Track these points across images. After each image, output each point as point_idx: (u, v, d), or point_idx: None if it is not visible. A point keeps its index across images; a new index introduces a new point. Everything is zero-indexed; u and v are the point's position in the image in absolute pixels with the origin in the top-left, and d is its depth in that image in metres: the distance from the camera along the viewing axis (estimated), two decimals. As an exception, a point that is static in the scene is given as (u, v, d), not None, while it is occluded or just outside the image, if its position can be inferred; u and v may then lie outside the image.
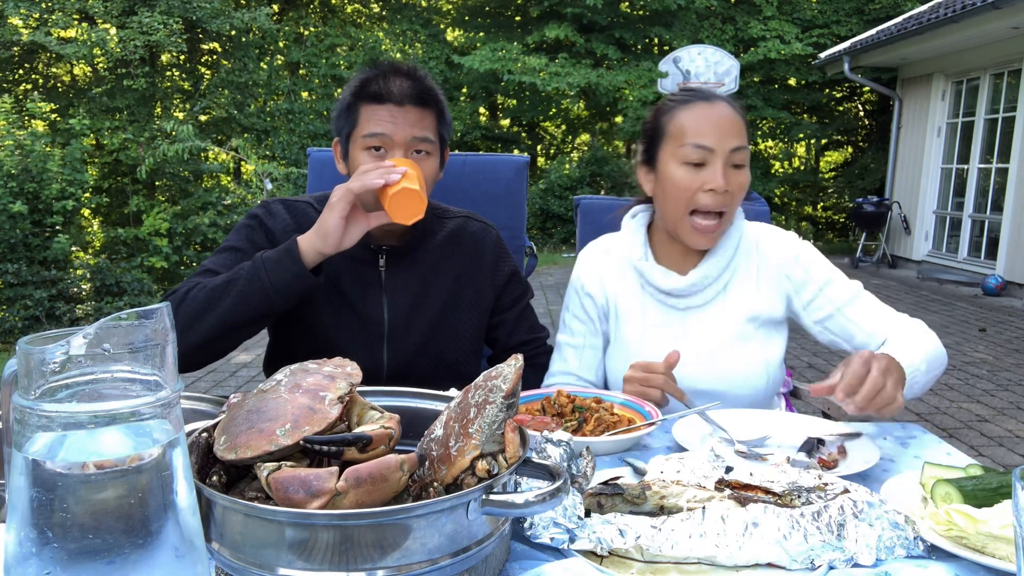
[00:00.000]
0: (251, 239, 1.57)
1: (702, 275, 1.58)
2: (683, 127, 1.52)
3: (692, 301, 1.60)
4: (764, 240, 1.63)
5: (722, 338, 1.58)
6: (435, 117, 1.53)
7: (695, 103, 1.53)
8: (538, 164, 16.35)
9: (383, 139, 1.48)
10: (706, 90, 1.58)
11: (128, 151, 9.81)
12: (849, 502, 0.92)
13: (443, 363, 1.64)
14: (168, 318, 0.61)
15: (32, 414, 0.56)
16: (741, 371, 1.58)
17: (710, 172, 1.49)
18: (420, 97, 1.50)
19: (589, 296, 1.69)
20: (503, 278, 1.71)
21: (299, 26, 14.27)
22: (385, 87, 1.49)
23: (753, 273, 1.61)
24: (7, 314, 6.19)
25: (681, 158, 1.51)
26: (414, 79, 1.51)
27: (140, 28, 9.46)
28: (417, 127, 1.49)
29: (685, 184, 1.50)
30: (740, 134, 1.52)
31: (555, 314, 7.22)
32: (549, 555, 0.90)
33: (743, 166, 1.52)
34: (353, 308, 1.59)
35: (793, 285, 1.60)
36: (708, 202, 1.50)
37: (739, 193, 1.53)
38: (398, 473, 0.77)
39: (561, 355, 1.72)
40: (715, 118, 1.51)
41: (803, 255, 1.60)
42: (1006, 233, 8.78)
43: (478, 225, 1.72)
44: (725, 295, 1.60)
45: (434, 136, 1.53)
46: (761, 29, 13.92)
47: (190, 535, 0.62)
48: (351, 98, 1.53)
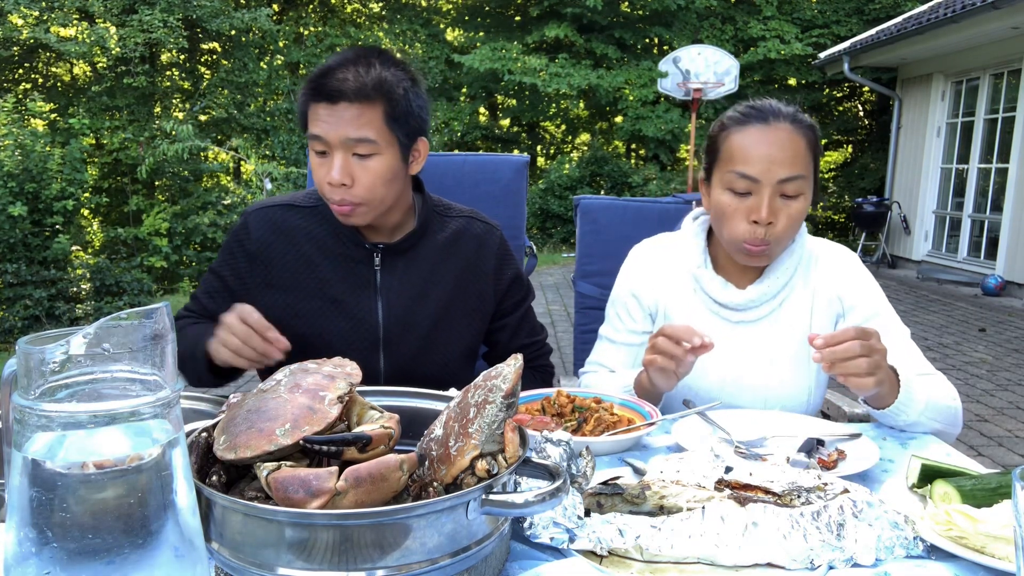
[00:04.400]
0: (231, 265, 1.56)
1: (761, 292, 1.52)
2: (732, 151, 1.44)
3: (745, 316, 1.55)
4: (823, 259, 1.58)
5: (771, 356, 1.54)
6: (382, 111, 1.38)
7: (750, 125, 1.44)
8: (538, 164, 16.35)
9: (322, 142, 1.39)
10: (769, 108, 1.45)
11: (128, 151, 9.81)
12: (849, 502, 0.92)
13: (443, 368, 1.59)
14: (168, 318, 0.61)
15: (32, 414, 0.56)
16: (785, 392, 1.54)
17: (755, 201, 1.41)
18: (360, 92, 1.35)
19: (635, 296, 1.64)
20: (506, 282, 1.66)
21: (299, 26, 14.28)
22: (324, 83, 1.37)
23: (809, 294, 1.56)
24: (7, 314, 6.19)
25: (726, 183, 1.44)
26: (359, 71, 1.37)
27: (140, 26, 9.46)
28: (352, 127, 1.36)
29: (730, 212, 1.44)
30: (794, 162, 1.41)
31: (555, 314, 7.23)
32: (549, 555, 0.90)
33: (795, 196, 1.42)
34: (345, 311, 1.52)
35: (843, 307, 1.55)
36: (750, 232, 1.42)
37: (787, 224, 1.43)
38: (398, 473, 0.77)
39: (600, 346, 1.71)
40: (766, 145, 1.41)
41: (860, 281, 1.56)
42: (1006, 233, 8.77)
43: (482, 226, 1.65)
44: (779, 312, 1.55)
45: (376, 134, 1.38)
46: (761, 29, 13.94)
47: (190, 535, 0.62)
48: (301, 93, 1.44)
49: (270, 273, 1.53)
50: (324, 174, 1.41)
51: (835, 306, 1.56)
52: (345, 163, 1.39)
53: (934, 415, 1.36)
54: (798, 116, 1.46)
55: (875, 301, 1.54)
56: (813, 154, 1.45)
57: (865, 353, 1.22)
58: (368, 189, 1.41)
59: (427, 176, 2.17)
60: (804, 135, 1.44)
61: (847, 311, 1.55)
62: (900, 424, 1.36)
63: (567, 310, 7.27)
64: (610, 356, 1.68)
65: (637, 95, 13.42)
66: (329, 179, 1.40)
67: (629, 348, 1.67)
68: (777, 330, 1.55)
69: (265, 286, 1.54)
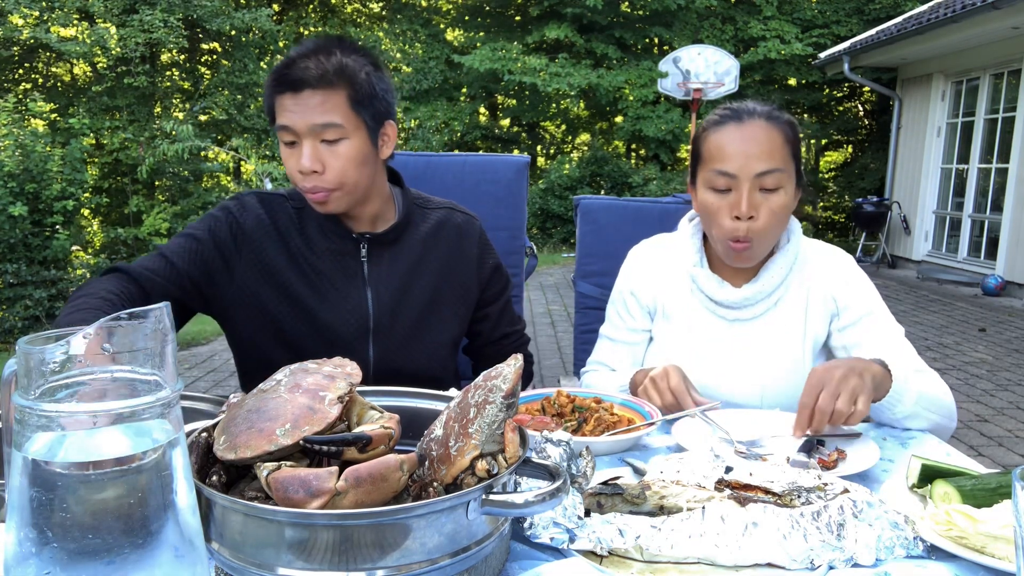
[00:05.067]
0: (212, 231, 1.51)
1: (756, 290, 1.55)
2: (711, 151, 1.49)
3: (741, 314, 1.58)
4: (817, 259, 1.60)
5: (767, 354, 1.57)
6: (345, 95, 1.40)
7: (726, 125, 1.48)
8: (538, 164, 16.36)
9: (290, 132, 1.40)
10: (743, 108, 1.50)
11: (128, 151, 9.82)
12: (849, 502, 0.92)
13: (431, 356, 1.61)
14: (168, 318, 0.61)
15: (32, 414, 0.56)
16: (780, 389, 1.56)
17: (735, 197, 1.45)
18: (322, 78, 1.38)
19: (633, 295, 1.68)
20: (488, 271, 1.69)
21: (299, 26, 14.28)
22: (287, 73, 1.39)
23: (804, 294, 1.58)
24: (7, 314, 6.20)
25: (708, 183, 1.48)
26: (320, 59, 1.40)
27: (141, 26, 9.47)
28: (317, 112, 1.38)
29: (713, 210, 1.48)
30: (771, 156, 1.44)
31: (555, 314, 7.23)
32: (549, 555, 0.90)
33: (775, 189, 1.45)
34: (335, 302, 1.53)
35: (837, 307, 1.58)
36: (733, 228, 1.46)
37: (769, 218, 1.46)
38: (398, 473, 0.77)
39: (601, 345, 1.74)
40: (741, 141, 1.45)
41: (853, 280, 1.58)
42: (1006, 233, 8.78)
43: (462, 217, 1.68)
44: (775, 311, 1.58)
45: (342, 118, 1.40)
46: (761, 29, 13.94)
47: (190, 535, 0.62)
48: (266, 87, 1.45)
49: (259, 259, 1.51)
50: (295, 163, 1.42)
51: (829, 306, 1.58)
52: (314, 150, 1.41)
53: (928, 406, 1.38)
54: (773, 113, 1.49)
55: (868, 300, 1.57)
56: (792, 148, 1.49)
57: (836, 392, 1.23)
58: (339, 173, 1.42)
59: (427, 176, 2.18)
60: (780, 129, 1.47)
61: (841, 311, 1.58)
62: (897, 417, 1.37)
63: (567, 310, 7.27)
64: (611, 355, 1.71)
65: (637, 95, 13.43)
66: (300, 167, 1.41)
67: (629, 346, 1.70)
68: (773, 328, 1.58)
69: (256, 270, 1.51)
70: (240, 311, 1.53)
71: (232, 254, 1.51)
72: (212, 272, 1.49)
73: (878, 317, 1.56)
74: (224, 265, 1.51)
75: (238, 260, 1.51)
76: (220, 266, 1.50)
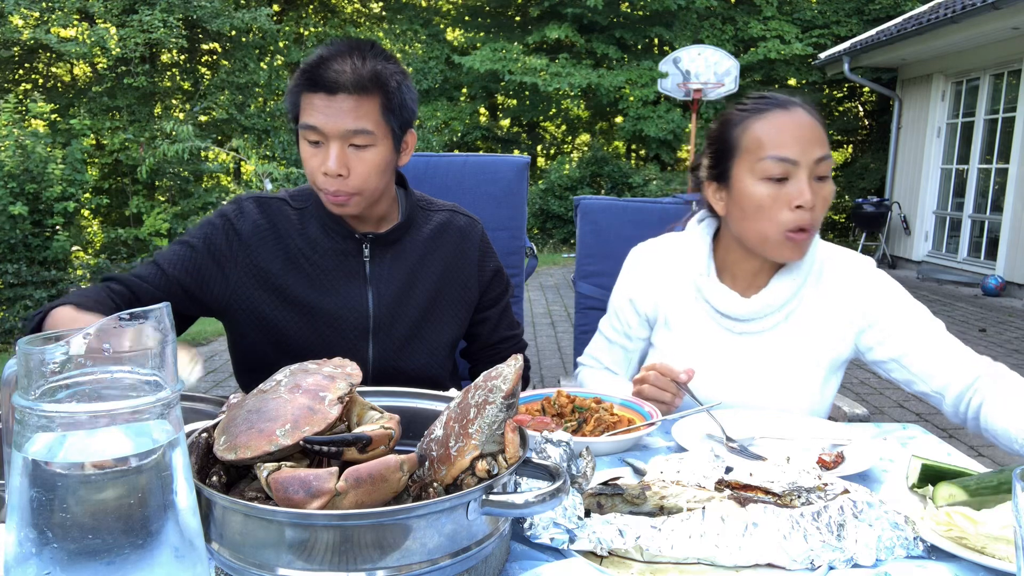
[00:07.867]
0: (208, 238, 1.51)
1: (765, 303, 1.46)
2: (760, 139, 1.39)
3: (748, 327, 1.49)
4: (836, 269, 1.50)
5: (774, 370, 1.48)
6: (378, 102, 1.40)
7: (771, 111, 1.40)
8: (538, 164, 16.36)
9: (318, 132, 1.39)
10: (782, 97, 1.43)
11: (128, 151, 9.82)
12: (849, 502, 0.92)
13: (429, 358, 1.61)
14: (168, 318, 0.61)
15: (32, 414, 0.56)
16: (787, 407, 1.47)
17: (795, 186, 1.36)
18: (358, 84, 1.37)
19: (631, 302, 1.62)
20: (489, 274, 1.69)
21: (299, 26, 14.29)
22: (321, 73, 1.37)
23: (821, 307, 1.49)
24: (7, 314, 6.20)
25: (760, 173, 1.38)
26: (355, 63, 1.38)
27: (140, 26, 9.47)
28: (350, 118, 1.37)
29: (768, 203, 1.38)
30: (823, 142, 1.38)
31: (555, 314, 7.23)
32: (549, 555, 0.90)
33: (827, 177, 1.39)
34: (335, 301, 1.53)
35: (866, 321, 1.47)
36: (795, 218, 1.37)
37: (823, 208, 1.40)
38: (398, 473, 0.77)
39: (597, 339, 1.71)
40: (795, 126, 1.38)
41: (879, 288, 1.48)
42: (1006, 233, 8.78)
43: (464, 219, 1.67)
44: (786, 325, 1.49)
45: (374, 125, 1.40)
46: (761, 29, 13.95)
47: (190, 535, 0.62)
48: (294, 82, 1.43)
49: (255, 264, 1.51)
50: (319, 164, 1.41)
51: (856, 320, 1.49)
52: (341, 154, 1.40)
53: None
54: (807, 102, 1.45)
55: (900, 307, 1.46)
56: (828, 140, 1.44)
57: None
58: (363, 180, 1.42)
59: (427, 176, 2.18)
60: (819, 119, 1.42)
61: (872, 324, 1.48)
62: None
63: (567, 310, 7.27)
64: (605, 353, 1.70)
65: (638, 95, 13.44)
66: (325, 169, 1.40)
67: (624, 350, 1.68)
68: (783, 343, 1.49)
69: (251, 276, 1.51)
70: (238, 315, 1.53)
71: (227, 260, 1.51)
72: (206, 279, 1.49)
73: (916, 320, 1.45)
74: (219, 271, 1.51)
75: (233, 266, 1.51)
76: (215, 272, 1.50)
